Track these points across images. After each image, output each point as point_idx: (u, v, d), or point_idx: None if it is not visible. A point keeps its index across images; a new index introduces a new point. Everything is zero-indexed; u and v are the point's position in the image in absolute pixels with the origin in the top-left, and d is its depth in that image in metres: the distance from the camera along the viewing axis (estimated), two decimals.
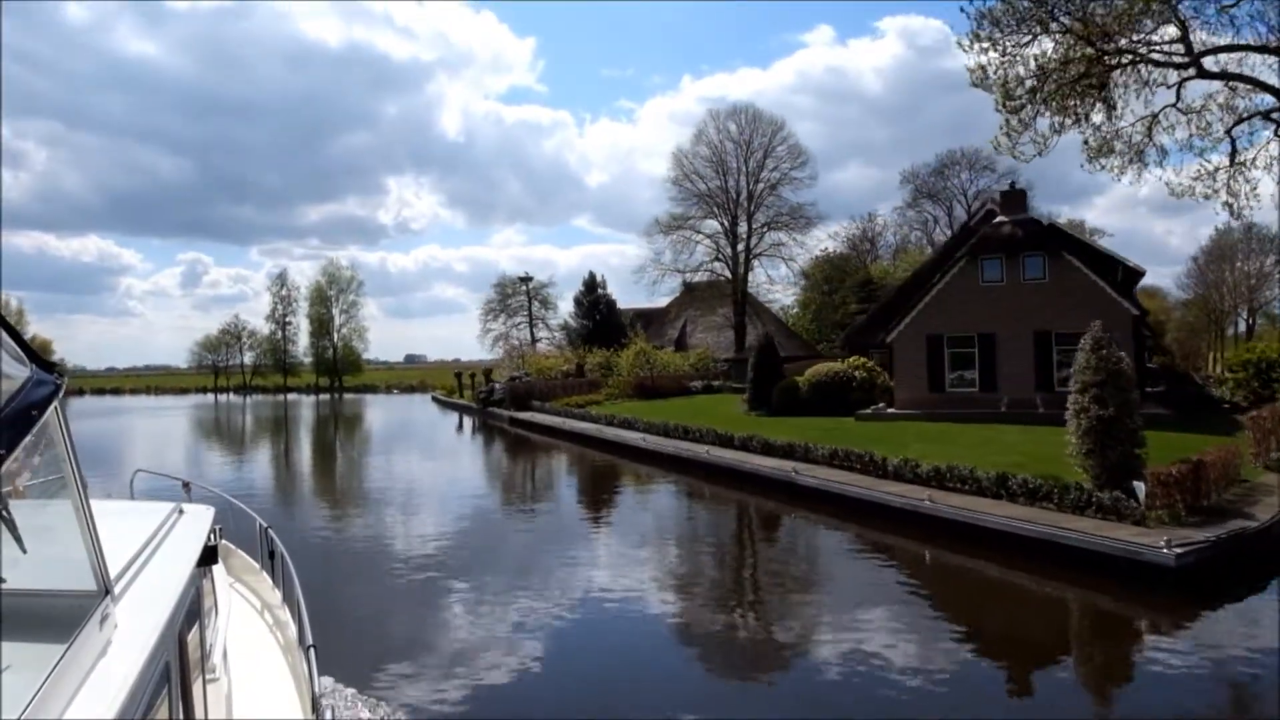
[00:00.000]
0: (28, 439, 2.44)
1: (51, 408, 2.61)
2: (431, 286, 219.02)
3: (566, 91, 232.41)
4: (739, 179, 58.93)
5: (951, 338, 29.06)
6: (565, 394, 47.51)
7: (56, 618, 2.69)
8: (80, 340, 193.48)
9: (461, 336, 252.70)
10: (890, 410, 29.73)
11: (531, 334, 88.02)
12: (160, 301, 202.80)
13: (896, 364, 30.06)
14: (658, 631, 11.60)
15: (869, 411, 29.73)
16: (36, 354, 2.66)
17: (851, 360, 32.41)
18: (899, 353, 29.91)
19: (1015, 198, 29.94)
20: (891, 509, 16.58)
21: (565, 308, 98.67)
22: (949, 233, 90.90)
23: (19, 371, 2.53)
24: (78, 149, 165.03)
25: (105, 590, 2.95)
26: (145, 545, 3.95)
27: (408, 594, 13.35)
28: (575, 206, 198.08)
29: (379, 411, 67.86)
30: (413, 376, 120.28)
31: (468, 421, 52.18)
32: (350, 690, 8.84)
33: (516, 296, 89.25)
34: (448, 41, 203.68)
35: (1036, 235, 28.21)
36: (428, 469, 30.75)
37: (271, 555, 7.36)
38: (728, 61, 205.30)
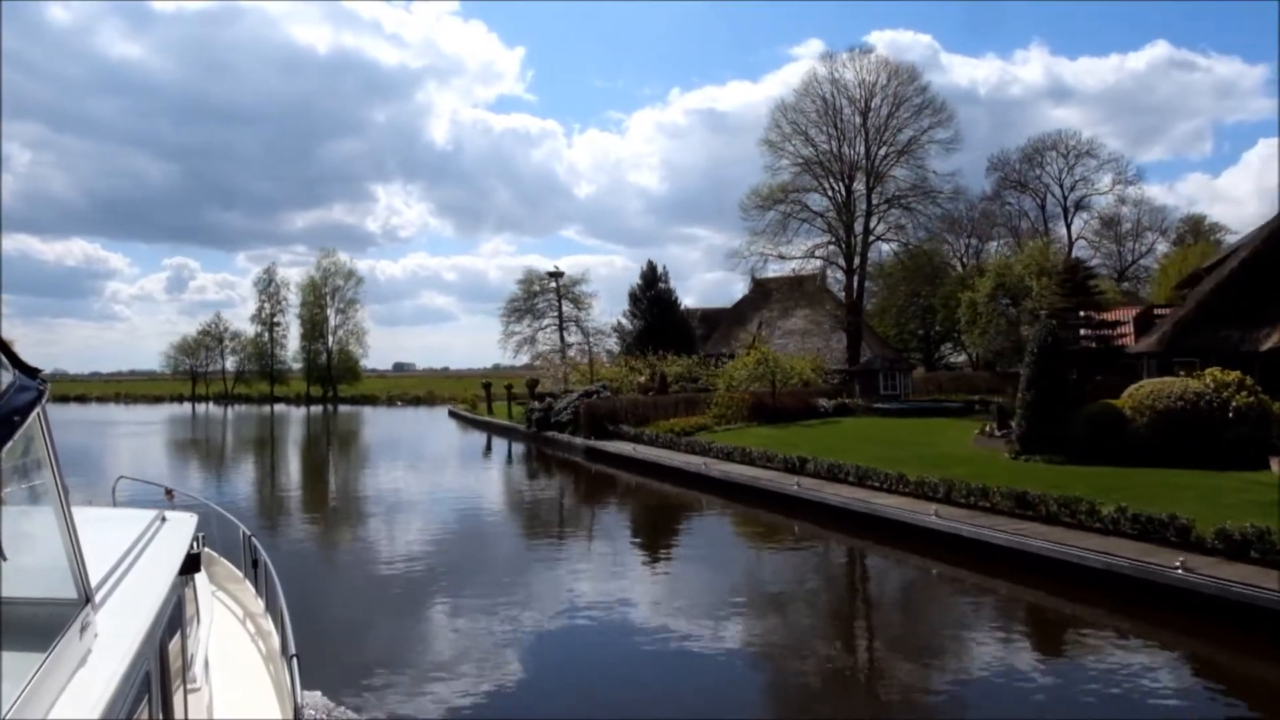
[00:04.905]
0: (9, 444, 2.36)
1: (34, 414, 2.54)
2: (420, 295, 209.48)
3: (555, 101, 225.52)
4: (855, 142, 46.05)
5: None
6: (657, 415, 34.68)
7: (36, 626, 2.58)
8: (65, 344, 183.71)
9: (450, 345, 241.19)
10: None
11: (561, 338, 75.39)
12: (146, 306, 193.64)
13: None
14: None
15: None
16: (19, 359, 2.58)
17: (1214, 374, 19.66)
18: None
19: None
20: None
21: (599, 308, 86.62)
22: (1041, 228, 78.95)
23: (1, 377, 2.47)
24: (63, 152, 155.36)
25: (86, 598, 2.86)
26: (127, 553, 3.82)
27: None
28: (564, 217, 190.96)
29: (393, 433, 54.46)
30: (407, 385, 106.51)
31: (505, 448, 39.16)
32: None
33: (545, 295, 76.34)
34: (437, 49, 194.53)
35: None
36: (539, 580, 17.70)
37: (255, 564, 7.01)
38: (717, 74, 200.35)
